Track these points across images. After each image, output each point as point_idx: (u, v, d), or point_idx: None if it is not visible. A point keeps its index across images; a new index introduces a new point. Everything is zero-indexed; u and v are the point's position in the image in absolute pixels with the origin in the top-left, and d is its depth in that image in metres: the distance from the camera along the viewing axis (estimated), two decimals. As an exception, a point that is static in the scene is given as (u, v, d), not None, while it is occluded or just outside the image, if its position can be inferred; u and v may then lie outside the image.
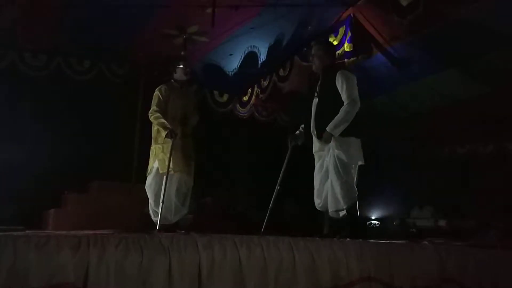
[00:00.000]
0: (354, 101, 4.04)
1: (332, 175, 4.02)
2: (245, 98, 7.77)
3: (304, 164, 4.40)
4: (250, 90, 7.63)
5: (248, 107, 7.83)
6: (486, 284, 3.53)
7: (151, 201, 4.79)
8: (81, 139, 6.57)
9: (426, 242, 3.83)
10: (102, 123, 6.62)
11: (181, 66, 5.00)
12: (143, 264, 2.30)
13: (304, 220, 5.93)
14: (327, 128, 4.01)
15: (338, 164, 4.00)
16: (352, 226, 4.01)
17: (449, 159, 8.54)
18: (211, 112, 7.66)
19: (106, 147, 6.57)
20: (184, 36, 5.98)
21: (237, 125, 8.03)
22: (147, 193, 4.82)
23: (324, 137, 4.05)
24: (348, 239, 3.61)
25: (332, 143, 4.03)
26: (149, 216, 4.84)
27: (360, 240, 3.52)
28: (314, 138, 4.22)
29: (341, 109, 4.03)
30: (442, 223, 7.21)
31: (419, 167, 8.48)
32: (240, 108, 7.91)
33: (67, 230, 4.46)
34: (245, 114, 7.90)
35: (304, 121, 4.42)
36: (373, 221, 8.49)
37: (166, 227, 4.58)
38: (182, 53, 5.84)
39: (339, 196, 3.99)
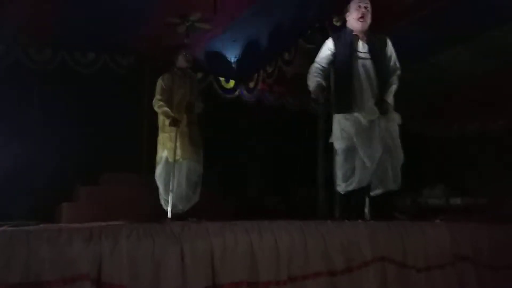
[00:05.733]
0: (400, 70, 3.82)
1: (396, 151, 3.77)
2: (252, 84, 7.73)
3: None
4: (256, 75, 7.59)
5: (255, 92, 7.80)
6: (501, 260, 3.51)
7: (161, 190, 4.81)
8: (89, 132, 6.59)
9: (438, 221, 3.80)
10: (109, 115, 6.63)
11: (183, 53, 4.99)
12: (155, 253, 2.30)
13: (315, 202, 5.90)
14: (387, 99, 3.72)
15: (397, 138, 3.78)
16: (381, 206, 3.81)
17: (460, 136, 8.47)
18: (218, 99, 7.64)
19: (115, 139, 6.59)
20: (187, 24, 5.94)
21: (244, 111, 8.00)
22: (157, 183, 4.84)
23: (385, 107, 3.70)
24: (359, 220, 3.59)
25: (392, 115, 3.76)
26: (160, 205, 4.87)
27: (372, 221, 3.51)
28: (368, 107, 3.72)
29: (395, 77, 3.80)
30: (454, 201, 7.16)
31: (430, 145, 8.42)
32: (247, 94, 7.88)
33: (80, 223, 4.48)
34: (252, 100, 7.88)
35: (341, 86, 3.83)
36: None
37: (178, 216, 4.60)
38: (186, 41, 5.81)
39: (399, 175, 3.79)
